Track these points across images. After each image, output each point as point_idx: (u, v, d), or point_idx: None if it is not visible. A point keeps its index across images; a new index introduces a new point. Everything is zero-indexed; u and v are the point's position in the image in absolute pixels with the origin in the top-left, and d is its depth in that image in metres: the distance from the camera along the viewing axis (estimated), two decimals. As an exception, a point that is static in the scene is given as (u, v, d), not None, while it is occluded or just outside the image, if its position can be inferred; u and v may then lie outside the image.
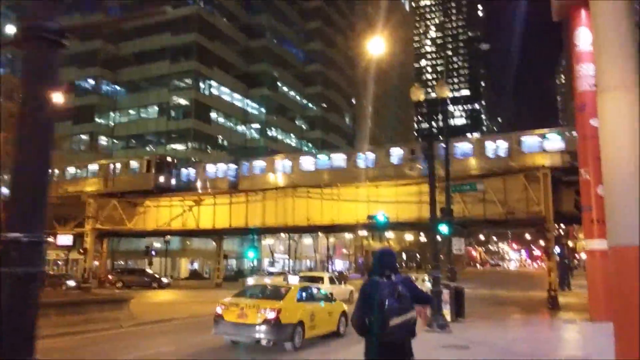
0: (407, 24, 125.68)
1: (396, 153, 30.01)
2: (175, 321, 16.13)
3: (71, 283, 32.25)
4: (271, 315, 10.62)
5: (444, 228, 18.06)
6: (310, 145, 74.86)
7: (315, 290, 13.01)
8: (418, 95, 14.46)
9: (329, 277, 25.39)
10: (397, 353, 4.43)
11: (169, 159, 39.18)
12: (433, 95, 17.84)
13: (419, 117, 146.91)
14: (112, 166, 38.05)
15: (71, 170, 39.99)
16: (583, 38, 16.08)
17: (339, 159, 31.92)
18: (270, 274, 39.41)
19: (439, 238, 16.94)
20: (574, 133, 20.45)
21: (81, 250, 35.25)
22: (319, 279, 23.67)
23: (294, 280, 19.85)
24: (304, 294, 12.08)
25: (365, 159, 30.59)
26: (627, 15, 8.85)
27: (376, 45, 18.89)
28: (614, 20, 8.76)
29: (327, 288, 18.61)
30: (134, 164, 37.74)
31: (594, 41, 9.50)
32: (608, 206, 8.38)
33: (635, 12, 9.59)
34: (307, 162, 32.77)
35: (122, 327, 14.40)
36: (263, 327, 10.59)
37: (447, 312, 15.85)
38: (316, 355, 10.62)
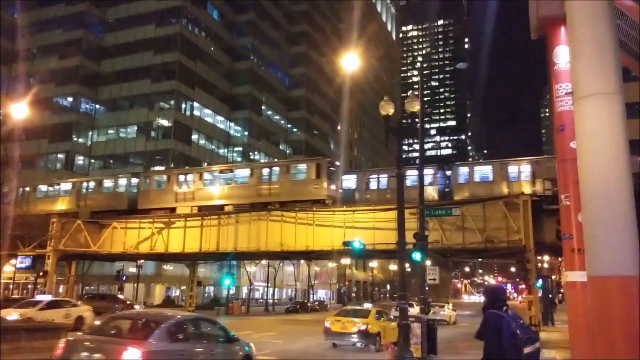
0: (394, 53, 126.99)
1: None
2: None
3: (34, 308, 30.40)
4: (362, 327, 16.93)
5: (417, 255, 16.91)
6: (293, 170, 73.86)
7: (384, 313, 19.12)
8: (387, 109, 13.46)
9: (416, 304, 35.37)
10: None
11: (337, 162, 33.63)
12: (416, 123, 17.19)
13: (405, 141, 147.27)
14: (266, 171, 32.37)
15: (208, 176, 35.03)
16: (562, 56, 15.22)
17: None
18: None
19: (407, 265, 15.77)
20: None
21: (41, 273, 33.34)
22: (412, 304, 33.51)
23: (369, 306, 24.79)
24: (378, 315, 18.26)
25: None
26: (606, 15, 7.89)
27: (351, 61, 17.99)
28: (591, 20, 7.79)
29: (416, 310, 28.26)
30: (300, 167, 31.44)
31: (569, 44, 8.53)
32: (586, 229, 7.25)
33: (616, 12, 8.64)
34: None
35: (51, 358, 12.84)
36: (357, 335, 16.93)
37: (417, 347, 14.56)
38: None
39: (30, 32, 59.65)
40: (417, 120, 19.08)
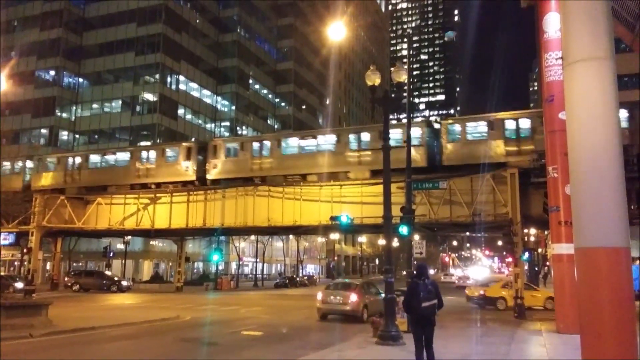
0: (384, 25, 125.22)
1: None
2: (98, 330, 14.32)
3: (19, 285, 30.18)
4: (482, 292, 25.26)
5: (403, 229, 16.73)
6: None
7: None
8: (374, 79, 13.05)
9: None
10: (426, 322, 7.97)
11: None
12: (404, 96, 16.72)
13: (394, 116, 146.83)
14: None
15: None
16: (552, 24, 14.92)
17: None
18: None
19: (396, 240, 15.55)
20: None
21: (25, 250, 32.87)
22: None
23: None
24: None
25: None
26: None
27: (337, 31, 17.43)
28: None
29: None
30: (476, 125, 24.59)
31: (561, 8, 8.17)
32: (575, 200, 7.02)
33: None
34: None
35: (31, 337, 12.60)
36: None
37: (403, 321, 14.46)
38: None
39: (9, 3, 57.80)
40: (404, 94, 18.75)
